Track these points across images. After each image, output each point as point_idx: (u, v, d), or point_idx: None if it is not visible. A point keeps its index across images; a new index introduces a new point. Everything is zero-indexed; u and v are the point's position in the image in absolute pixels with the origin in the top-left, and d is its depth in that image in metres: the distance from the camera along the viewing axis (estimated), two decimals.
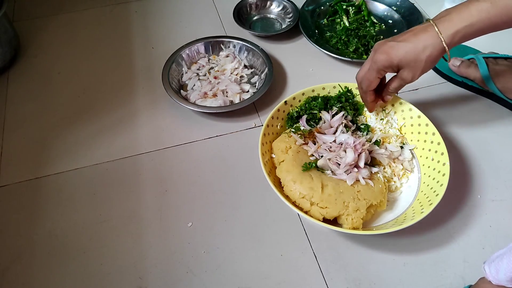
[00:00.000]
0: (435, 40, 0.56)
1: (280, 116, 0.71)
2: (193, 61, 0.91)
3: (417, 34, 0.58)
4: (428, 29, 0.57)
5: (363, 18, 1.00)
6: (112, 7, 1.07)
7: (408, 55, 0.58)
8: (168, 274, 0.62)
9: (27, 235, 0.66)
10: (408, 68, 0.59)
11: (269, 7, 1.05)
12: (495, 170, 0.73)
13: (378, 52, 0.60)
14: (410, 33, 0.59)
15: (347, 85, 0.75)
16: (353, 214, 0.60)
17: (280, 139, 0.69)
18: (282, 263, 0.63)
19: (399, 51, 0.58)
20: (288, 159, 0.65)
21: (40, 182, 0.73)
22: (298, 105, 0.74)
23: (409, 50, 0.57)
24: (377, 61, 0.60)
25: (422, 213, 0.59)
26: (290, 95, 0.73)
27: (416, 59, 0.58)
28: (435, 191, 0.62)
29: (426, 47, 0.57)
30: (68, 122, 0.82)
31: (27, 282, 0.62)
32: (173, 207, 0.70)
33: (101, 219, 0.68)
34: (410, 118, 0.71)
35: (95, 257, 0.64)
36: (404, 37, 0.59)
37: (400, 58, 0.58)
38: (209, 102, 0.82)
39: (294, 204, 0.62)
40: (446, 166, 0.64)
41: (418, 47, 0.57)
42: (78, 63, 0.93)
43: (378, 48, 0.61)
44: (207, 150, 0.77)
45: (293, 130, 0.70)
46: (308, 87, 0.74)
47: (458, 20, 0.56)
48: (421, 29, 0.58)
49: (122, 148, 0.77)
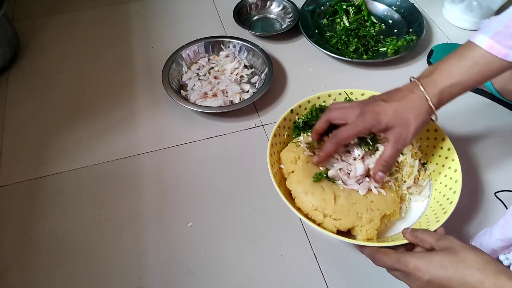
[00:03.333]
0: (423, 101, 0.56)
1: (286, 125, 0.70)
2: (193, 61, 0.91)
3: (405, 95, 0.57)
4: (415, 90, 0.56)
5: (363, 18, 1.00)
6: (112, 7, 1.07)
7: (397, 114, 0.56)
8: (168, 274, 0.62)
9: (27, 235, 0.66)
10: (398, 127, 0.56)
11: (269, 7, 1.05)
12: (495, 170, 0.73)
13: (367, 112, 0.57)
14: (398, 94, 0.58)
15: (352, 91, 0.73)
16: (367, 225, 0.59)
17: (288, 149, 0.66)
18: (282, 263, 0.63)
19: (388, 111, 0.56)
20: (298, 170, 0.63)
21: (40, 182, 0.73)
22: (304, 113, 0.72)
23: (398, 109, 0.56)
24: (365, 120, 0.57)
25: (437, 222, 0.57)
26: (296, 103, 0.70)
27: (407, 119, 0.56)
28: (448, 198, 0.61)
29: (415, 107, 0.56)
30: (68, 122, 0.82)
31: (27, 282, 0.62)
32: (173, 207, 0.70)
33: (101, 219, 0.68)
34: (427, 131, 0.70)
35: (95, 257, 0.64)
36: (392, 98, 0.57)
37: (389, 118, 0.56)
38: (209, 102, 0.82)
39: (307, 216, 0.59)
40: (458, 172, 0.62)
41: (407, 107, 0.56)
42: (78, 63, 0.93)
43: (366, 107, 0.57)
44: (207, 150, 0.77)
45: (305, 143, 0.67)
46: (314, 95, 0.72)
47: (441, 80, 0.55)
48: (408, 90, 0.57)
49: (122, 148, 0.77)
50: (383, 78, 0.89)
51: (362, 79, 0.89)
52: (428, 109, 0.56)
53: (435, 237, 0.50)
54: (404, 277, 0.50)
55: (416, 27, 0.95)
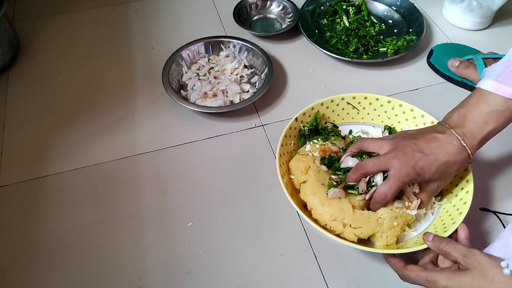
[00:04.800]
0: (464, 154, 0.57)
1: (292, 134, 0.69)
2: (193, 61, 0.91)
3: (444, 146, 0.56)
4: (455, 142, 0.56)
5: (363, 18, 1.00)
6: (112, 7, 1.07)
7: (439, 170, 0.56)
8: (168, 274, 0.62)
9: (27, 235, 0.66)
10: (438, 182, 0.58)
11: (269, 7, 1.05)
12: (494, 170, 0.73)
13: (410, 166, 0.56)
14: (434, 143, 0.57)
15: (355, 95, 0.73)
16: (387, 232, 0.58)
17: (298, 159, 0.66)
18: (282, 263, 0.63)
19: (432, 167, 0.56)
20: (311, 181, 0.62)
21: (40, 182, 0.73)
22: (308, 120, 0.71)
23: (441, 165, 0.56)
24: (409, 175, 0.56)
25: (445, 232, 0.57)
26: (300, 112, 0.70)
27: (448, 174, 0.58)
28: (458, 209, 0.61)
29: (456, 162, 0.57)
30: (68, 122, 0.82)
31: (28, 282, 0.62)
32: (173, 207, 0.70)
33: (101, 219, 0.68)
34: None
35: (95, 257, 0.64)
36: (430, 148, 0.56)
37: (432, 173, 0.56)
38: (209, 102, 0.82)
39: (325, 227, 0.58)
40: (469, 182, 0.62)
41: (450, 162, 0.56)
42: (78, 63, 0.93)
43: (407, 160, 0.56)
44: (207, 150, 0.77)
45: (319, 157, 0.66)
46: (317, 101, 0.72)
47: (478, 131, 0.56)
48: (446, 141, 0.57)
49: (122, 148, 0.77)
50: (383, 78, 0.89)
51: (362, 79, 0.89)
52: (467, 159, 0.57)
53: (461, 252, 0.50)
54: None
55: (416, 27, 0.95)
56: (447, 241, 0.53)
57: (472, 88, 0.84)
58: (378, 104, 0.74)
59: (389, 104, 0.73)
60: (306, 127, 0.70)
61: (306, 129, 0.70)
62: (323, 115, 0.73)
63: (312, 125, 0.71)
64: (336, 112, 0.74)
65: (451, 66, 0.85)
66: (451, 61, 0.85)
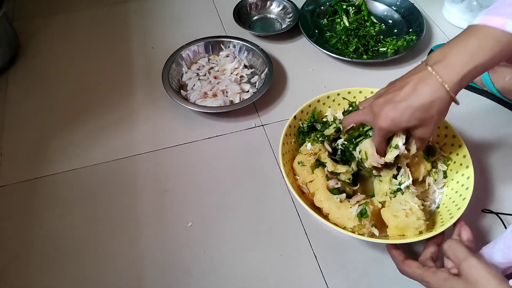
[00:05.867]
0: (441, 92, 0.50)
1: (292, 132, 0.70)
2: (193, 61, 0.91)
3: (416, 88, 0.51)
4: (429, 81, 0.50)
5: (363, 18, 1.00)
6: (111, 6, 1.07)
7: (415, 115, 0.51)
8: (167, 274, 0.62)
9: (25, 236, 0.66)
10: (420, 127, 0.53)
11: (269, 7, 1.05)
12: (494, 169, 0.73)
13: (380, 118, 0.53)
14: (407, 87, 0.52)
15: (350, 90, 0.74)
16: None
17: (302, 158, 0.67)
18: (282, 263, 0.63)
19: (404, 114, 0.51)
20: (321, 184, 0.63)
21: (39, 183, 0.73)
22: (306, 118, 0.72)
23: (415, 110, 0.51)
24: (382, 129, 0.53)
25: (451, 218, 0.58)
26: (298, 109, 0.71)
27: (426, 116, 0.51)
28: (461, 195, 0.61)
29: (433, 101, 0.50)
30: (67, 122, 0.82)
31: (25, 283, 0.62)
32: (172, 207, 0.69)
33: (99, 219, 0.68)
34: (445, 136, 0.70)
35: (93, 258, 0.64)
36: (402, 94, 0.52)
37: (407, 120, 0.52)
38: (209, 102, 0.81)
39: (345, 228, 0.59)
40: (469, 168, 0.62)
41: (425, 105, 0.50)
42: (77, 63, 0.93)
43: (378, 113, 0.53)
44: (206, 150, 0.77)
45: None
46: (314, 98, 0.72)
47: (461, 65, 0.49)
48: (420, 80, 0.51)
49: (121, 148, 0.77)
50: (383, 78, 0.89)
51: (362, 79, 0.89)
52: (448, 99, 0.50)
53: (458, 260, 0.49)
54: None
55: (416, 27, 0.95)
56: (448, 244, 0.52)
57: (472, 88, 0.84)
58: None
59: None
60: (305, 124, 0.71)
61: (305, 126, 0.71)
62: (320, 112, 0.74)
63: (311, 121, 0.71)
64: (332, 108, 0.75)
65: None
66: None
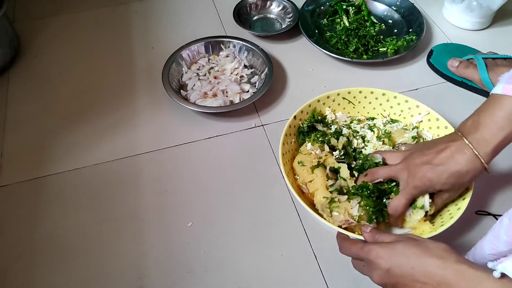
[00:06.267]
0: (477, 163, 0.54)
1: (292, 132, 0.70)
2: (193, 61, 0.91)
3: (454, 156, 0.55)
4: (466, 151, 0.54)
5: (363, 18, 1.00)
6: (112, 7, 1.07)
7: (450, 180, 0.55)
8: (168, 274, 0.62)
9: (28, 235, 0.66)
10: (450, 192, 0.57)
11: (269, 7, 1.05)
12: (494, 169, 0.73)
13: (417, 178, 0.56)
14: (444, 153, 0.55)
15: (350, 90, 0.74)
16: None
17: (302, 158, 0.67)
18: (282, 263, 0.63)
19: (441, 178, 0.55)
20: (321, 184, 0.63)
21: (41, 182, 0.73)
22: (306, 118, 0.73)
23: (451, 176, 0.55)
24: (417, 188, 0.56)
25: (442, 226, 0.58)
26: (298, 110, 0.71)
27: (460, 184, 0.56)
28: (456, 204, 0.61)
29: (469, 171, 0.54)
30: (68, 122, 0.82)
31: (28, 282, 0.62)
32: (173, 207, 0.70)
33: (101, 219, 0.68)
34: (437, 128, 0.71)
35: (96, 257, 0.64)
36: (439, 159, 0.55)
37: (442, 184, 0.55)
38: (209, 102, 0.82)
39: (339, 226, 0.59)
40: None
41: (461, 172, 0.54)
42: (78, 63, 0.93)
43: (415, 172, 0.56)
44: (207, 150, 0.77)
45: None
46: (314, 98, 0.73)
47: (492, 137, 0.53)
48: (457, 149, 0.55)
49: (122, 148, 0.77)
50: (383, 78, 0.90)
51: (362, 79, 0.89)
52: (481, 169, 0.55)
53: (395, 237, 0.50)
54: (366, 268, 0.50)
55: (416, 27, 0.95)
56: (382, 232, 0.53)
57: (472, 88, 0.85)
58: (373, 97, 0.75)
59: (384, 96, 0.75)
60: (305, 124, 0.71)
61: (305, 126, 0.71)
62: (320, 111, 0.74)
63: (311, 121, 0.72)
64: (332, 108, 0.75)
65: (451, 66, 0.85)
66: (451, 61, 0.85)
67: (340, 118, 0.75)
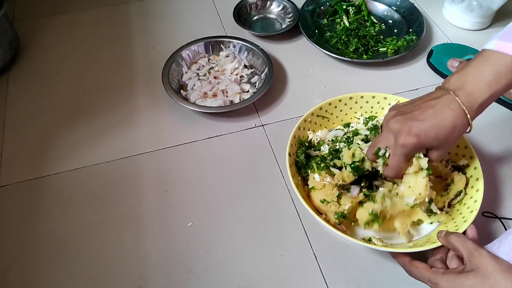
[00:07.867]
0: (463, 118, 0.52)
1: (295, 143, 0.69)
2: (193, 61, 0.91)
3: (441, 111, 0.52)
4: (453, 106, 0.52)
5: (363, 18, 1.00)
6: (112, 7, 1.07)
7: (439, 136, 0.53)
8: (168, 274, 0.62)
9: (28, 235, 0.66)
10: (439, 149, 0.55)
11: (269, 7, 1.05)
12: (494, 169, 0.73)
13: (403, 134, 0.53)
14: (431, 109, 0.53)
15: (352, 95, 0.74)
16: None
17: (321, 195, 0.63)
18: (282, 263, 0.63)
19: (429, 133, 0.52)
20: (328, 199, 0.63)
21: (41, 182, 0.73)
22: (308, 126, 0.72)
23: (439, 131, 0.52)
24: (406, 145, 0.53)
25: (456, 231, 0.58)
26: (301, 118, 0.71)
27: (448, 139, 0.53)
28: (468, 207, 0.61)
29: (456, 126, 0.52)
30: (68, 122, 0.82)
31: (28, 282, 0.62)
32: (173, 207, 0.70)
33: (101, 219, 0.68)
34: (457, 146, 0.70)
35: (96, 257, 0.64)
36: (426, 114, 0.53)
37: (431, 141, 0.53)
38: (209, 102, 0.82)
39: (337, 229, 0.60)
40: (480, 180, 0.62)
41: (448, 127, 0.52)
42: (78, 63, 0.93)
43: (399, 130, 0.54)
44: (207, 150, 0.77)
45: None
46: (315, 107, 0.72)
47: (479, 93, 0.51)
48: (444, 105, 0.52)
49: (122, 148, 0.77)
50: (383, 78, 0.90)
51: (362, 79, 0.89)
52: (467, 124, 0.53)
53: (468, 250, 0.50)
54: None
55: (416, 27, 0.95)
56: (457, 235, 0.52)
57: None
58: (352, 102, 0.75)
59: (362, 99, 0.75)
60: (301, 156, 0.69)
61: (303, 158, 0.68)
62: (304, 137, 0.72)
63: (303, 151, 0.69)
64: (311, 129, 0.73)
65: (451, 66, 0.85)
66: (451, 61, 0.85)
67: (322, 137, 0.73)
